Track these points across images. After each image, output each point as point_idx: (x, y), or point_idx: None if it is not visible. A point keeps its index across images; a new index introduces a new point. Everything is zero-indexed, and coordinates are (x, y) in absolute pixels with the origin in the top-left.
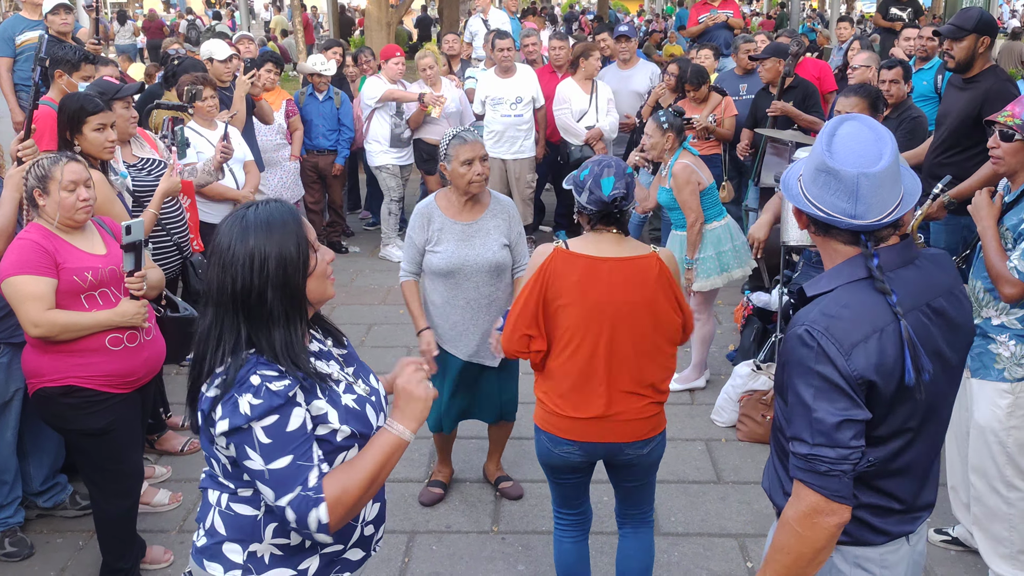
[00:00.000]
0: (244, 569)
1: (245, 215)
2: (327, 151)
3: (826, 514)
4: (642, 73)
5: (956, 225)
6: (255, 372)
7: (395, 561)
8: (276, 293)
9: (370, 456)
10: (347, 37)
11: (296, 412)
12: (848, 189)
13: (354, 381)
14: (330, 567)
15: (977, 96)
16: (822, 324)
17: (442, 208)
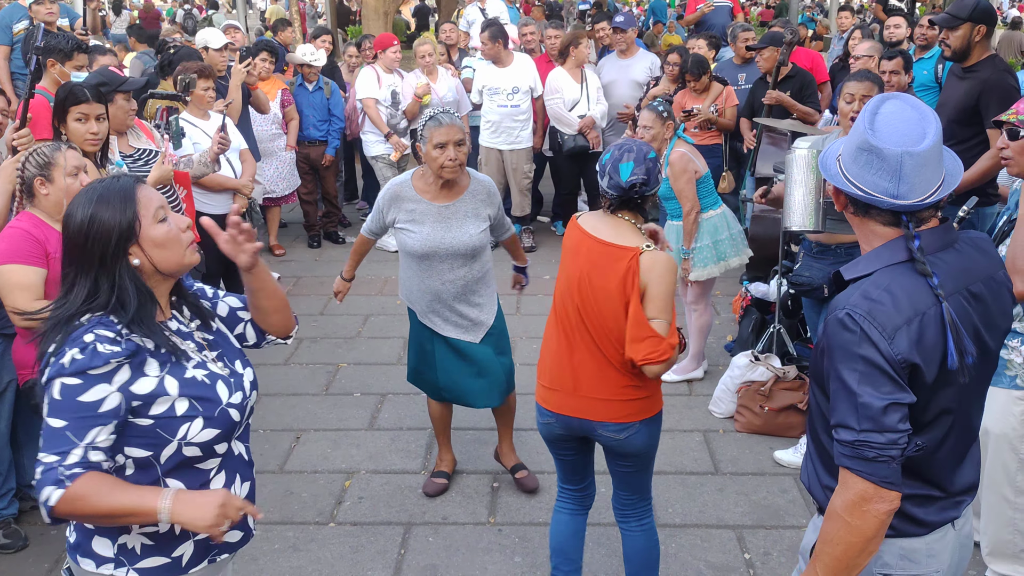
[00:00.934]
0: (116, 562)
1: (89, 187)
2: (318, 142)
3: (875, 501)
4: (642, 63)
5: (954, 216)
6: (91, 331)
7: (391, 553)
8: (99, 258)
9: (126, 498)
10: (345, 27)
11: (99, 388)
12: (891, 168)
13: (212, 360)
14: (207, 551)
15: (975, 86)
16: (864, 307)
17: (418, 190)
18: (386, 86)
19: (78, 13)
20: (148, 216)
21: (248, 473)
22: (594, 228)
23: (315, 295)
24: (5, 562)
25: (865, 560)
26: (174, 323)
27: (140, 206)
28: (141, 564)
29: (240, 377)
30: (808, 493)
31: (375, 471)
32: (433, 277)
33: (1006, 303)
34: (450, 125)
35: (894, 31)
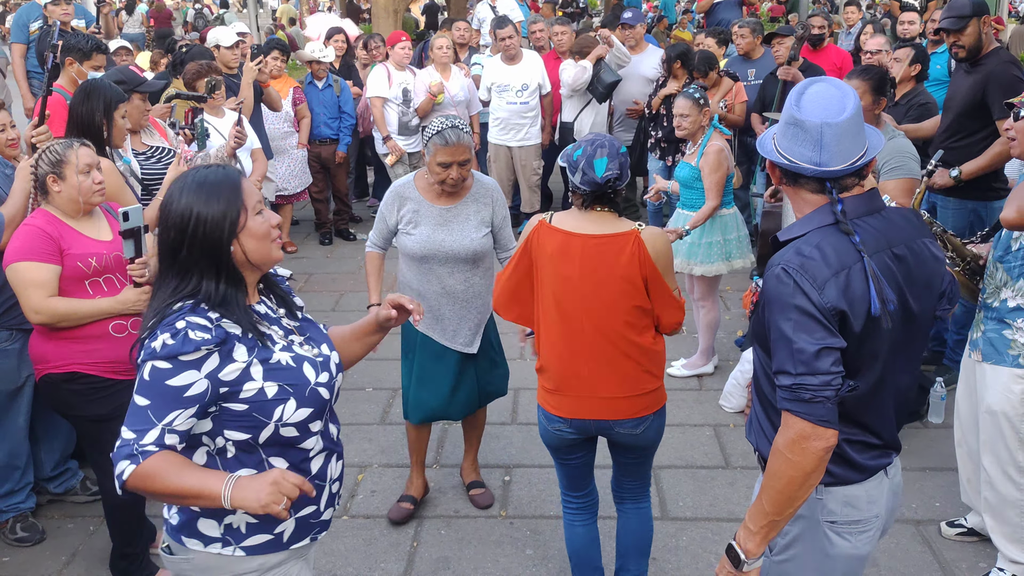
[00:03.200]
0: (223, 541)
1: (187, 176)
2: (329, 140)
3: (813, 439)
4: (651, 58)
5: (963, 209)
6: (184, 317)
7: (403, 546)
8: (201, 249)
9: (192, 479)
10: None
11: (188, 374)
12: (813, 138)
13: (299, 344)
14: (308, 528)
15: (980, 79)
16: (796, 263)
17: (420, 190)
18: (397, 84)
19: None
20: (251, 208)
21: (341, 453)
22: (577, 227)
23: (326, 292)
24: (23, 555)
25: (805, 493)
26: (262, 307)
27: (246, 197)
28: (247, 542)
29: (327, 359)
30: (756, 452)
31: (387, 465)
32: (433, 282)
33: (931, 271)
34: (456, 145)
35: (908, 27)
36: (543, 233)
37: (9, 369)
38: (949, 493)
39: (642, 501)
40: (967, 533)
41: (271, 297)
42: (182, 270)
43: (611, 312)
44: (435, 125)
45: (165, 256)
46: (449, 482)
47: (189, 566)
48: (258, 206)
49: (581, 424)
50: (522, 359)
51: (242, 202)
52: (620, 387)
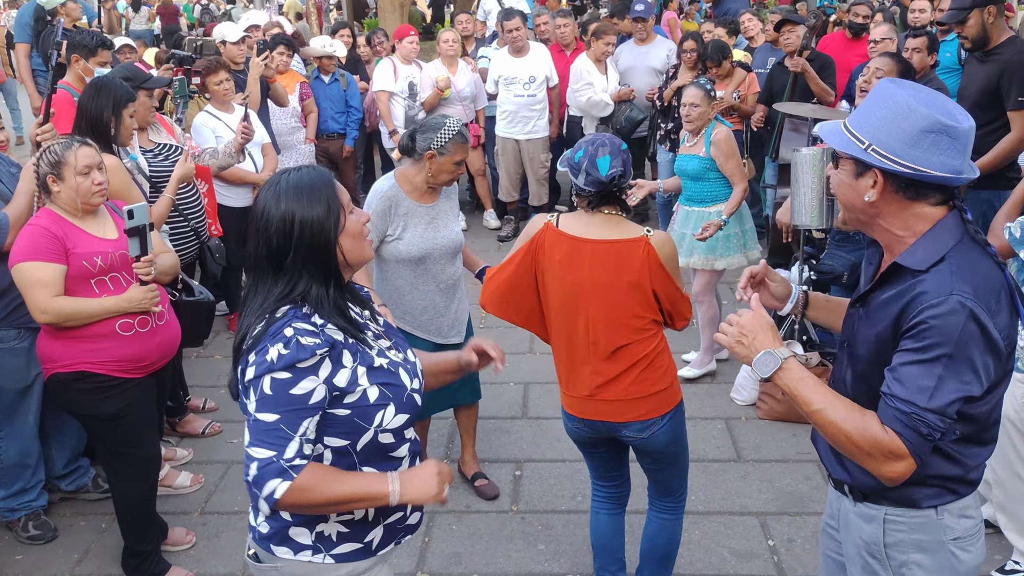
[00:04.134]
0: (314, 549)
1: (279, 180)
2: (336, 135)
3: (895, 463)
4: (659, 50)
5: (976, 199)
6: (290, 324)
7: (415, 542)
8: (308, 253)
9: (355, 484)
10: (361, 19)
11: (308, 380)
12: (963, 145)
13: (388, 348)
14: (394, 534)
15: (995, 69)
16: (970, 292)
17: (407, 192)
18: (403, 78)
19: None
20: (346, 207)
21: (423, 455)
22: (586, 231)
23: None
24: (35, 553)
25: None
26: (352, 313)
27: (341, 196)
28: (336, 550)
29: (414, 364)
30: (823, 466)
31: None
32: (429, 280)
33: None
34: (467, 143)
35: (919, 15)
36: (550, 237)
37: (18, 367)
38: None
39: (664, 510)
40: None
41: (353, 301)
42: (286, 275)
43: (617, 317)
44: (451, 125)
45: (264, 263)
46: (460, 477)
47: (277, 574)
48: (350, 204)
49: (592, 424)
50: (531, 353)
51: (340, 203)
52: (625, 390)
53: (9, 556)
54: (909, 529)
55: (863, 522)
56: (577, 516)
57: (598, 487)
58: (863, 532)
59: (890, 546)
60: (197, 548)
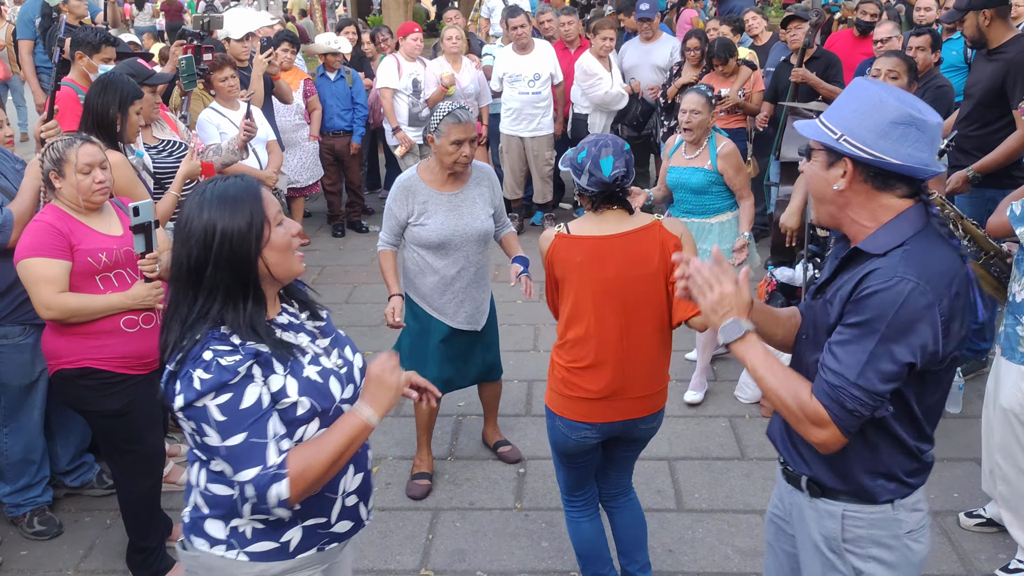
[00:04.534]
0: (227, 544)
1: (204, 190)
2: (342, 132)
3: (822, 430)
4: (663, 48)
5: (980, 197)
6: (208, 347)
7: (419, 538)
8: (228, 266)
9: (335, 436)
10: (365, 16)
11: (251, 389)
12: (930, 139)
13: (325, 353)
14: (315, 539)
15: (1000, 68)
16: (916, 273)
17: (426, 181)
18: (407, 75)
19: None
20: (273, 219)
21: (363, 463)
22: (600, 229)
23: (340, 284)
24: (41, 548)
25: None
26: (284, 317)
27: (267, 208)
28: (251, 548)
29: (351, 366)
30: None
31: (402, 457)
32: (450, 266)
33: None
34: (467, 123)
35: (924, 13)
36: (563, 246)
37: (23, 363)
38: (967, 484)
39: (631, 491)
40: (986, 524)
41: (292, 303)
42: (205, 290)
43: (644, 309)
44: (443, 107)
45: (184, 275)
46: (464, 474)
47: (196, 564)
48: (279, 216)
49: (608, 428)
50: (535, 351)
51: (265, 213)
52: (650, 384)
53: (14, 551)
54: (868, 525)
55: (821, 517)
56: None
57: (573, 498)
58: (822, 528)
59: (848, 541)
60: None
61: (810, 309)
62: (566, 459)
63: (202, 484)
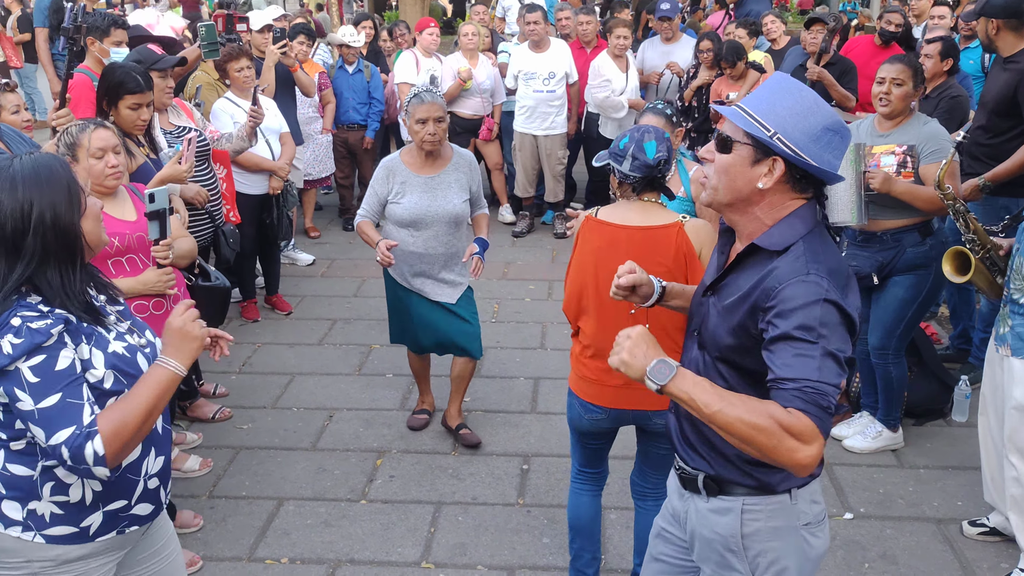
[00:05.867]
0: (24, 526)
1: (11, 166)
2: (357, 126)
3: (810, 444)
4: (684, 48)
5: (993, 205)
6: (15, 314)
7: (421, 531)
8: (47, 237)
9: (144, 390)
10: (382, 12)
11: (64, 353)
12: (844, 145)
13: (128, 332)
14: (115, 522)
15: (1013, 77)
16: (822, 270)
17: (406, 163)
18: (425, 71)
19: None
20: (85, 191)
21: (164, 447)
22: (624, 218)
23: (349, 277)
24: None
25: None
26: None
27: (80, 178)
28: (49, 531)
29: (154, 347)
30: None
31: (406, 451)
32: (419, 244)
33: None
34: (431, 103)
35: (938, 21)
36: (590, 228)
37: None
38: (971, 492)
39: (662, 497)
40: (989, 533)
41: (91, 285)
42: (24, 259)
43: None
44: (411, 90)
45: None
46: (467, 469)
47: None
48: (86, 187)
49: (619, 414)
50: (543, 348)
51: (79, 187)
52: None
53: None
54: (766, 516)
55: (718, 516)
56: None
57: (583, 473)
58: (718, 526)
59: (747, 536)
60: (204, 531)
61: (700, 306)
62: (580, 437)
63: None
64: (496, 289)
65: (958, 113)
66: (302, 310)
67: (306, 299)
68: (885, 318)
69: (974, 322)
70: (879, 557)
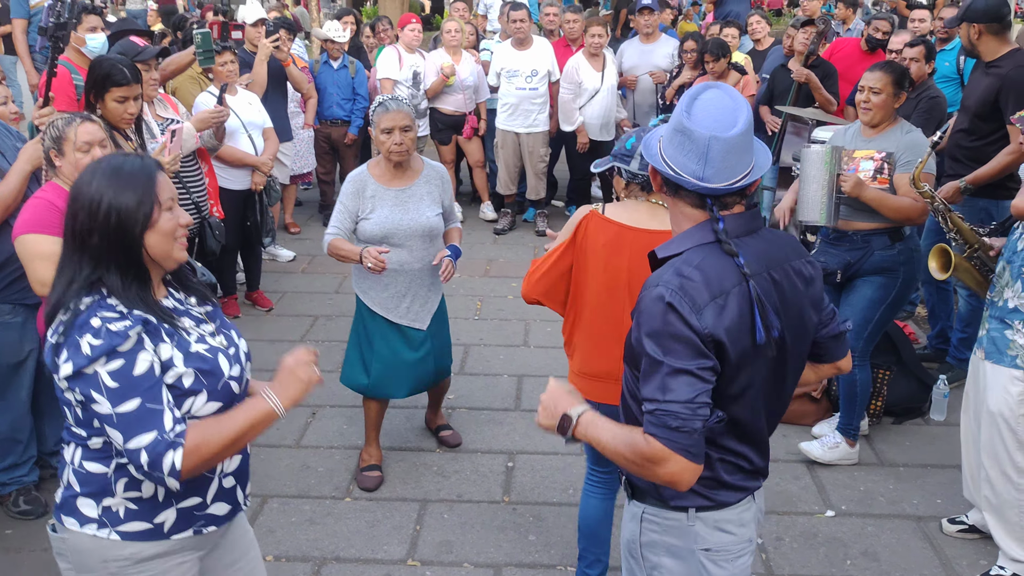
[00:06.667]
0: (99, 523)
1: (102, 161)
2: (340, 121)
3: (668, 464)
4: (664, 49)
5: (973, 207)
6: (95, 315)
7: (407, 528)
8: (110, 238)
9: (239, 418)
10: (360, 7)
11: (143, 356)
12: (700, 150)
13: (211, 335)
14: (191, 521)
15: (995, 82)
16: (676, 284)
17: (375, 176)
18: (407, 66)
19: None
20: (163, 203)
21: (244, 447)
22: (632, 219)
23: (330, 274)
24: (25, 528)
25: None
26: (170, 301)
27: (159, 191)
28: (123, 527)
29: (238, 348)
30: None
31: (390, 448)
32: (391, 261)
33: (799, 297)
34: (396, 111)
35: (918, 24)
36: (595, 225)
37: (11, 342)
38: (950, 490)
39: None
40: (968, 530)
41: (178, 288)
42: (93, 258)
43: None
44: (377, 99)
45: (72, 238)
46: (452, 467)
47: (64, 547)
48: (170, 202)
49: (611, 410)
50: (526, 346)
51: (155, 196)
52: None
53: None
54: (661, 530)
55: (629, 520)
56: (569, 508)
57: (594, 473)
58: (626, 530)
59: (645, 545)
60: None
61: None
62: None
63: (76, 462)
64: (478, 287)
65: (937, 113)
66: (283, 306)
67: (287, 295)
68: (854, 318)
69: (952, 322)
70: (861, 554)
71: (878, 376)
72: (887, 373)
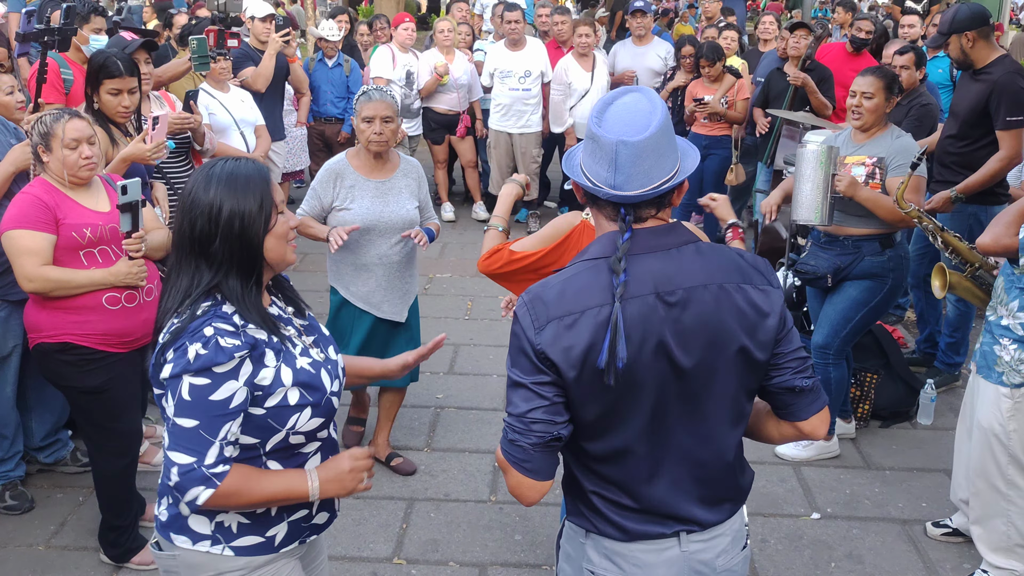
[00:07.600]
0: (212, 539)
1: (213, 166)
2: (334, 119)
3: (509, 475)
4: (656, 51)
5: (963, 213)
6: (210, 324)
7: (393, 527)
8: (232, 244)
9: (278, 485)
10: (356, 6)
11: (229, 384)
12: (608, 157)
13: (311, 347)
14: (299, 532)
15: (985, 88)
16: (528, 297)
17: (354, 166)
18: (401, 66)
19: None
20: (278, 208)
21: (337, 450)
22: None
23: (322, 271)
24: (11, 523)
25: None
26: (274, 309)
27: (275, 194)
28: (236, 542)
29: (335, 364)
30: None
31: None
32: (371, 253)
33: (739, 325)
34: (379, 101)
35: (908, 30)
36: (588, 235)
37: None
38: (936, 494)
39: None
40: (952, 533)
41: (279, 297)
42: (214, 264)
43: None
44: (361, 88)
45: (187, 244)
46: (440, 465)
47: (175, 563)
48: (282, 205)
49: None
50: None
51: (273, 201)
52: None
53: None
54: (567, 536)
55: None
56: (554, 509)
57: None
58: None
59: (561, 544)
60: None
61: None
62: None
63: None
64: (469, 286)
65: (928, 120)
66: None
67: None
68: (833, 316)
69: (940, 327)
70: (845, 556)
71: (866, 380)
72: (875, 377)
